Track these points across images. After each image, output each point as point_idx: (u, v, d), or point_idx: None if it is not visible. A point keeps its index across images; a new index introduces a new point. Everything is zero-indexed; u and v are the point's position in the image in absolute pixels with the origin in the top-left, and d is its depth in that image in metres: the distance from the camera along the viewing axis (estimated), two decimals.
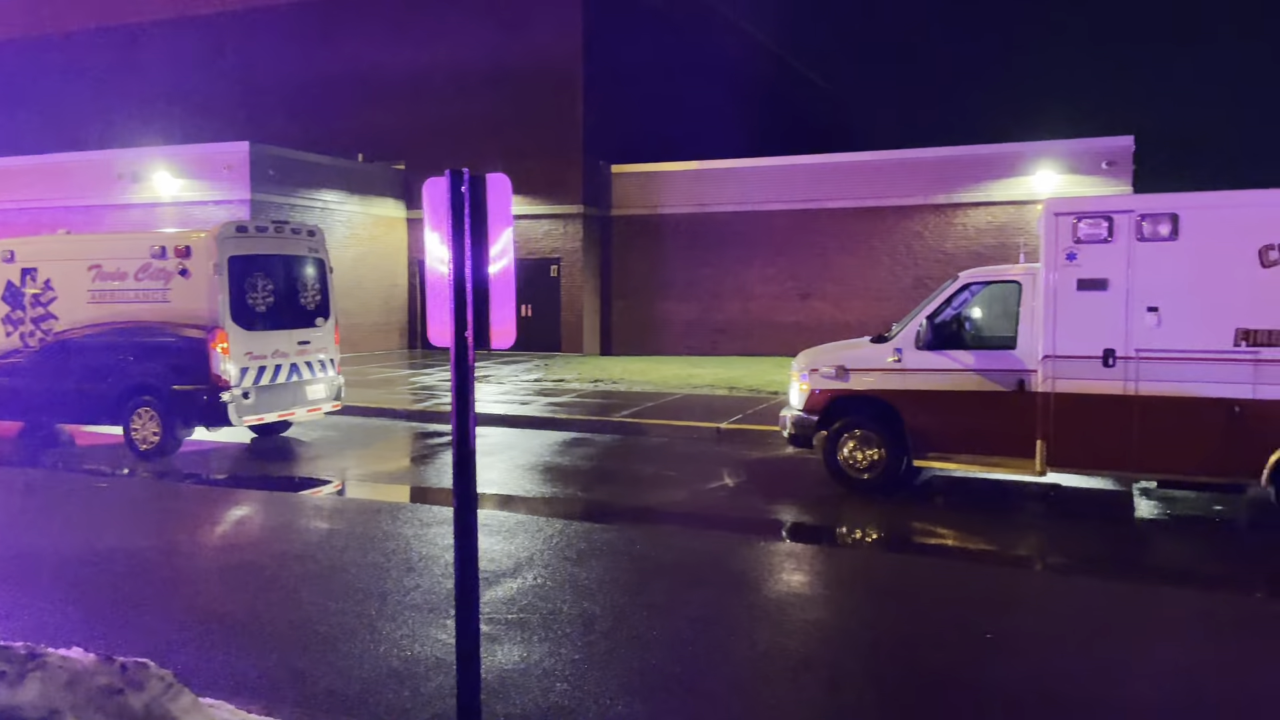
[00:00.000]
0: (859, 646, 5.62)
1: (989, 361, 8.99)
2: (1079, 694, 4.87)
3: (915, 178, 22.00)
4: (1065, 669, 5.19)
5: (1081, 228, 8.40)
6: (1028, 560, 7.77)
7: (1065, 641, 5.63)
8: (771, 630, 5.77)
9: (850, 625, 6.01)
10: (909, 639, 5.69)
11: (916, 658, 5.38)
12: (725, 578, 6.79)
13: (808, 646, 5.55)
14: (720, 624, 5.84)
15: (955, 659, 5.35)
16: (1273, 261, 7.83)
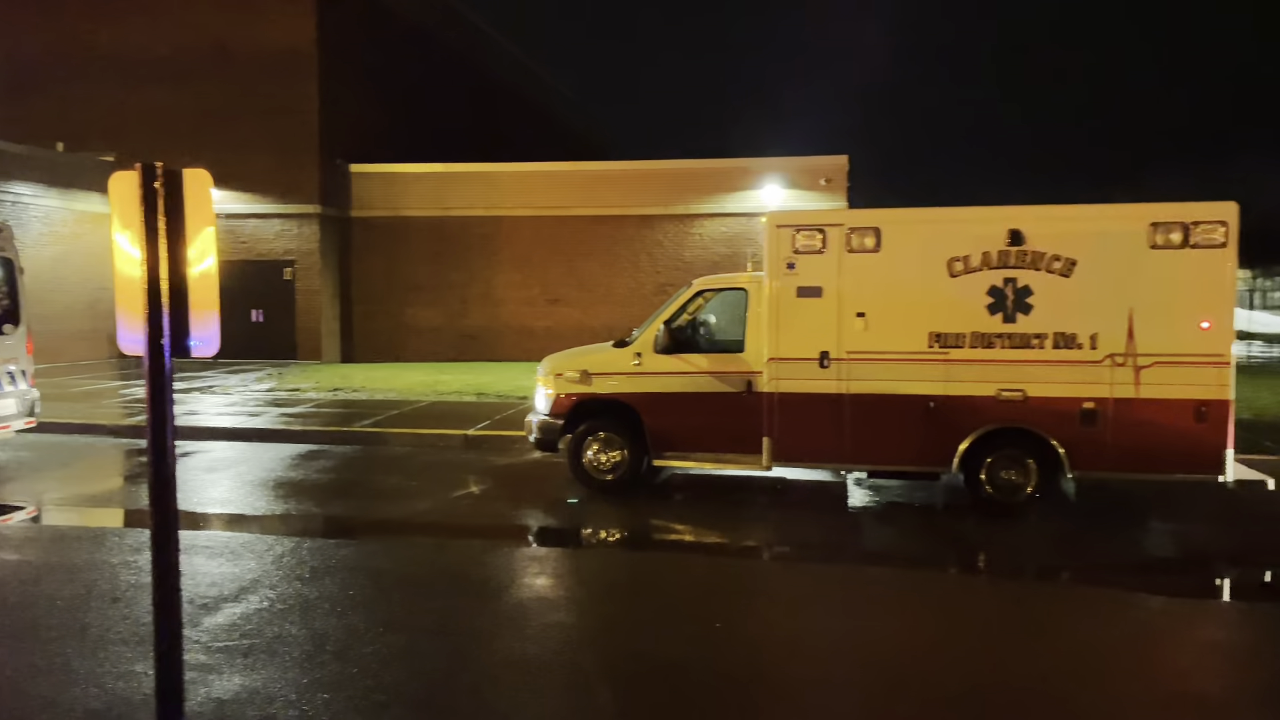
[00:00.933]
0: (598, 645, 5.72)
1: (721, 364, 9.48)
2: (798, 671, 5.23)
3: (656, 188, 22.84)
4: (787, 649, 5.56)
5: (799, 239, 9.05)
6: (756, 550, 8.25)
7: (786, 623, 6.02)
8: (513, 636, 5.75)
9: (590, 625, 6.10)
10: (645, 633, 5.86)
11: (652, 651, 5.56)
12: (468, 587, 6.70)
13: (548, 650, 5.58)
14: (460, 634, 5.75)
15: (688, 649, 5.57)
16: (958, 272, 8.80)
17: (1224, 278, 8.39)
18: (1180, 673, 5.43)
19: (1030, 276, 8.65)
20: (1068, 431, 8.56)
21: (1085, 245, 8.55)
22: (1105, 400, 8.52)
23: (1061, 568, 7.72)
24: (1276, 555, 7.86)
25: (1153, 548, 8.30)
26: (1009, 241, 8.68)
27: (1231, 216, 8.32)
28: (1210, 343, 8.35)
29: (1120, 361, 8.48)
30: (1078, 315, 8.56)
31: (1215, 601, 6.94)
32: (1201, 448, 8.36)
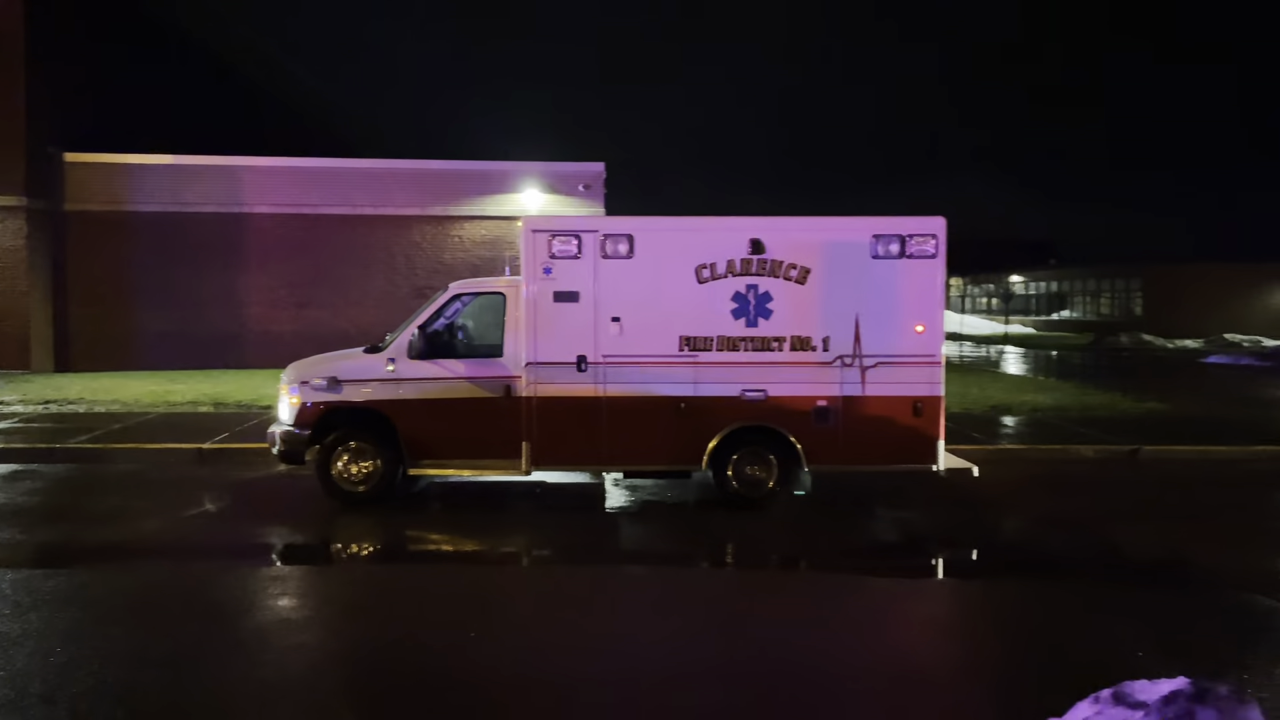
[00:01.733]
0: (344, 665, 5.46)
1: (478, 369, 9.36)
2: (552, 673, 5.24)
3: (413, 188, 22.25)
4: (541, 652, 5.55)
5: (555, 244, 9.12)
6: (514, 556, 8.21)
7: (541, 627, 6.02)
8: (249, 663, 5.38)
9: (336, 645, 5.82)
10: (395, 649, 5.66)
11: (401, 666, 5.37)
12: (200, 612, 6.19)
13: (289, 675, 5.26)
14: (189, 664, 5.30)
15: (439, 661, 5.44)
16: (705, 279, 9.19)
17: (935, 285, 9.29)
18: (900, 648, 5.94)
19: (770, 283, 9.19)
20: (804, 428, 9.16)
21: (818, 255, 9.19)
22: (836, 399, 9.19)
23: (800, 556, 8.24)
24: (982, 536, 8.79)
25: (878, 533, 9.04)
26: (751, 250, 9.17)
27: (940, 230, 9.23)
28: (924, 344, 9.21)
29: (849, 362, 9.19)
30: (812, 320, 9.19)
31: (931, 580, 7.64)
32: (918, 440, 9.21)
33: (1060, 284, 57.94)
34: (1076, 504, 9.70)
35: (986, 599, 6.95)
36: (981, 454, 11.49)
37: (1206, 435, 13.19)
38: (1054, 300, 58.15)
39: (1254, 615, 6.35)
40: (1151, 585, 7.12)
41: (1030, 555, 8.10)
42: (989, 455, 11.71)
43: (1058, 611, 6.47)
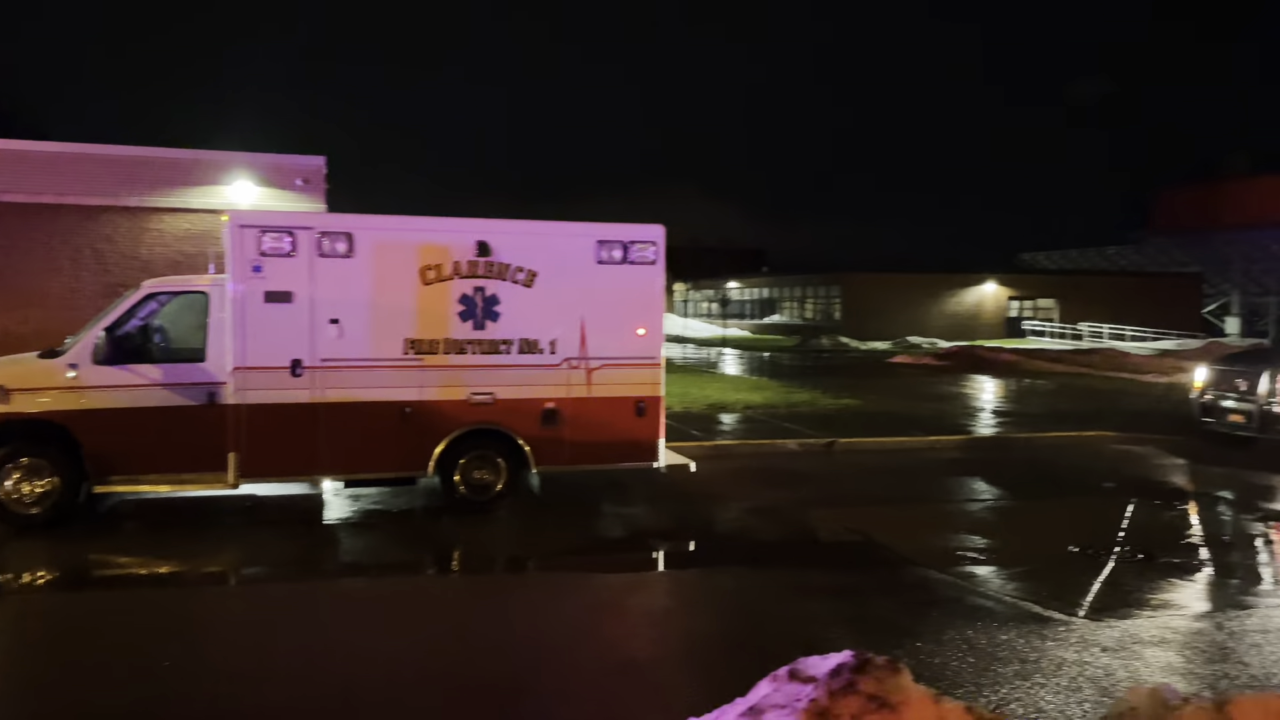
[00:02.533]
0: (17, 708, 4.82)
1: (177, 375, 8.62)
2: (257, 698, 4.91)
3: (106, 175, 20.04)
4: (242, 677, 5.19)
5: (266, 241, 8.57)
6: (220, 576, 7.62)
7: (246, 650, 5.63)
8: None
9: (6, 688, 5.12)
10: (77, 687, 5.07)
11: (82, 708, 4.82)
12: None
13: None
14: None
15: (119, 695, 4.94)
16: (431, 280, 9.01)
17: (655, 290, 9.68)
18: (622, 640, 6.12)
19: (498, 286, 9.17)
20: (532, 430, 9.22)
21: (544, 259, 9.28)
22: (564, 400, 9.34)
23: (528, 557, 8.27)
24: (698, 528, 9.25)
25: (603, 530, 9.27)
26: (478, 252, 9.10)
27: (660, 237, 9.63)
28: (646, 347, 9.57)
29: (575, 365, 9.36)
30: (539, 323, 9.27)
31: (652, 573, 7.95)
32: (641, 439, 9.56)
33: (771, 290, 62.43)
34: (781, 494, 10.47)
35: (701, 587, 7.33)
36: (699, 450, 12.12)
37: (891, 428, 14.70)
38: (766, 305, 62.56)
39: (927, 588, 7.14)
40: (843, 566, 7.81)
41: (741, 544, 8.63)
42: (706, 451, 12.36)
43: (762, 596, 6.94)
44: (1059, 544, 8.31)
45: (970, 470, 12.03)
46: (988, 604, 6.70)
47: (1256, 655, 5.73)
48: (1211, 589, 7.19)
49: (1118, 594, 6.90)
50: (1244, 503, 10.30)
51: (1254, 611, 6.60)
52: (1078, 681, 5.22)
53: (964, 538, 8.70)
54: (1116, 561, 7.78)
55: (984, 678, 5.28)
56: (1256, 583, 7.42)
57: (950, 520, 9.44)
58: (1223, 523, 9.55)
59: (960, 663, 5.50)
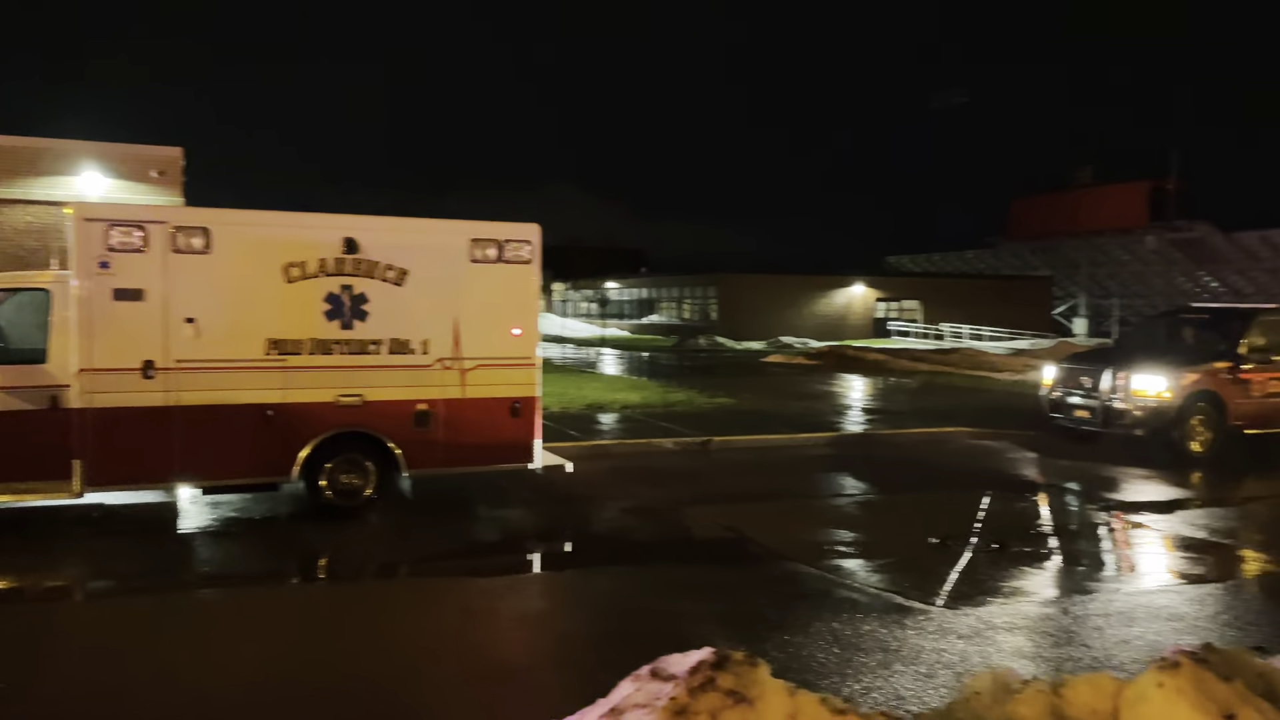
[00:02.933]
0: None
1: (14, 378, 8.05)
2: None
3: None
4: (87, 699, 4.88)
5: (114, 235, 8.09)
6: (63, 592, 7.14)
7: (89, 669, 5.30)
8: None
9: None
10: None
11: None
12: None
13: None
14: None
15: None
16: (295, 278, 8.68)
17: (531, 289, 9.59)
18: (493, 644, 6.04)
19: (366, 284, 8.91)
20: (403, 433, 9.00)
21: (416, 257, 9.08)
22: (437, 402, 9.15)
23: (398, 563, 8.07)
24: (575, 529, 9.22)
25: (478, 534, 9.13)
26: (345, 250, 8.82)
27: (535, 236, 9.55)
28: (521, 347, 9.48)
29: (449, 365, 9.19)
30: (411, 322, 9.06)
31: (527, 575, 7.87)
32: (516, 440, 9.46)
33: (650, 291, 62.96)
34: (658, 493, 10.55)
35: (576, 589, 7.31)
36: (577, 450, 12.09)
37: (765, 426, 15.02)
38: (645, 305, 63.05)
39: (796, 582, 7.31)
40: (716, 563, 7.92)
41: (617, 544, 8.64)
42: (584, 451, 12.35)
43: (637, 594, 6.97)
44: (920, 536, 8.65)
45: (838, 466, 12.41)
46: (853, 596, 6.91)
47: (1098, 638, 6.09)
48: (1059, 576, 7.61)
49: (973, 583, 7.23)
50: (1089, 494, 10.96)
51: (1096, 597, 7.03)
52: (934, 668, 5.44)
53: (832, 532, 8.95)
54: (973, 552, 8.15)
55: (848, 668, 5.43)
56: (1100, 569, 7.90)
57: (819, 515, 9.70)
58: (1070, 513, 10.13)
59: (825, 654, 5.65)
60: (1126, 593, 7.14)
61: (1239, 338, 13.43)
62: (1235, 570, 7.98)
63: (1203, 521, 9.60)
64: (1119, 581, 7.53)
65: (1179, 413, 12.88)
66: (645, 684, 2.05)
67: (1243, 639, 6.05)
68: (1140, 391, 13.06)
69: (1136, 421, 13.09)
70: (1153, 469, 12.24)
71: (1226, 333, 13.79)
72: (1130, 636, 6.09)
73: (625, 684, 2.10)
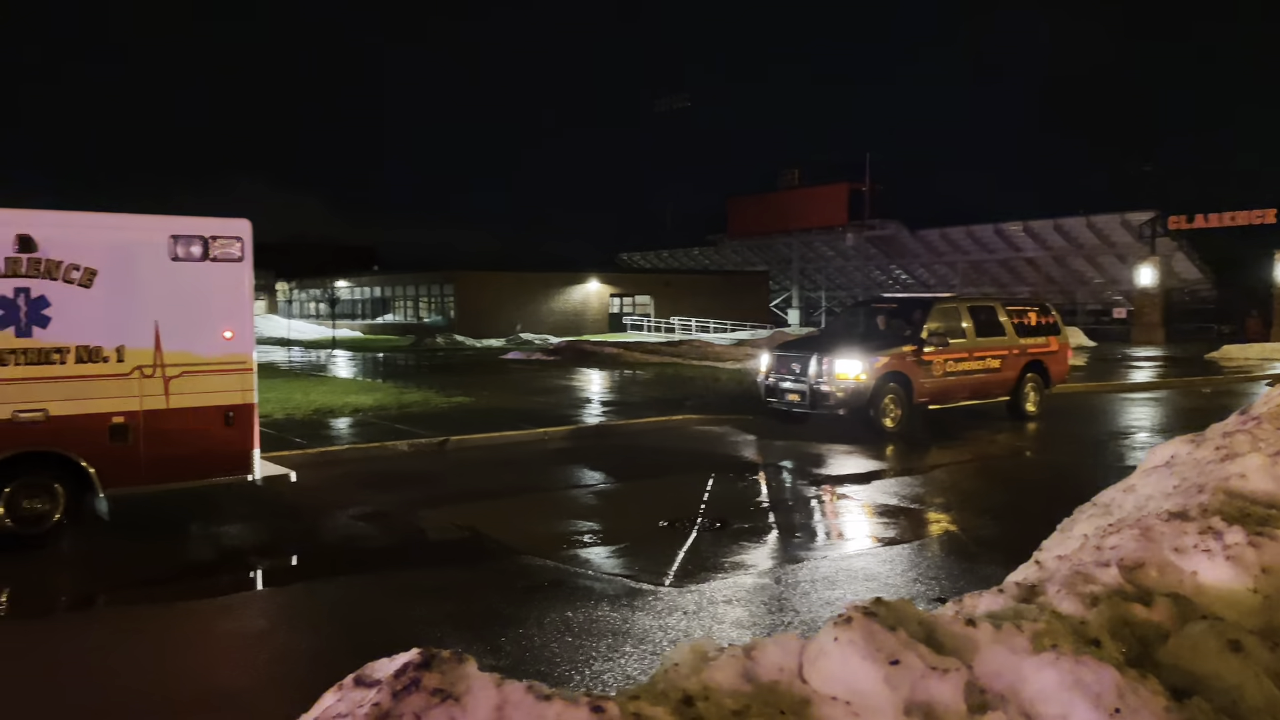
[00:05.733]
0: None
1: None
2: None
3: None
4: None
5: None
6: None
7: None
8: None
9: None
10: None
11: None
12: None
13: None
14: None
15: None
16: None
17: (243, 289, 8.99)
18: (207, 669, 5.63)
19: (47, 286, 7.99)
20: (98, 449, 8.16)
21: (106, 255, 8.25)
22: (136, 413, 8.37)
23: (95, 593, 7.31)
24: (300, 540, 8.77)
25: (191, 554, 8.45)
26: (19, 248, 7.86)
27: (246, 232, 8.96)
28: (234, 350, 8.87)
29: (149, 373, 8.43)
30: (102, 327, 8.22)
31: (248, 593, 7.38)
32: (232, 450, 8.85)
33: (384, 289, 61.02)
34: (391, 497, 10.26)
35: (301, 603, 6.96)
36: (302, 458, 11.51)
37: (503, 423, 15.02)
38: (379, 305, 61.04)
39: (533, 575, 7.38)
40: (451, 564, 7.84)
41: (346, 552, 8.32)
42: (310, 459, 11.77)
43: (367, 603, 6.76)
44: (652, 520, 9.01)
45: (576, 459, 12.65)
46: (588, 583, 7.09)
47: (805, 602, 6.64)
48: (774, 548, 8.21)
49: (698, 561, 7.64)
50: (800, 470, 11.90)
51: (805, 564, 7.65)
52: (661, 646, 5.69)
53: (569, 523, 9.12)
54: (698, 531, 8.60)
55: (579, 655, 5.57)
56: (809, 539, 8.61)
57: (557, 507, 9.85)
58: (784, 489, 10.95)
59: (559, 644, 5.76)
60: (831, 559, 7.83)
61: (921, 324, 15.08)
62: (923, 531, 8.97)
63: (895, 489, 10.70)
64: (825, 549, 8.24)
65: (873, 393, 14.27)
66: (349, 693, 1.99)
67: (927, 591, 6.83)
68: (841, 375, 14.34)
69: (839, 402, 14.36)
70: (854, 444, 13.49)
71: (911, 319, 15.45)
72: (833, 599, 6.68)
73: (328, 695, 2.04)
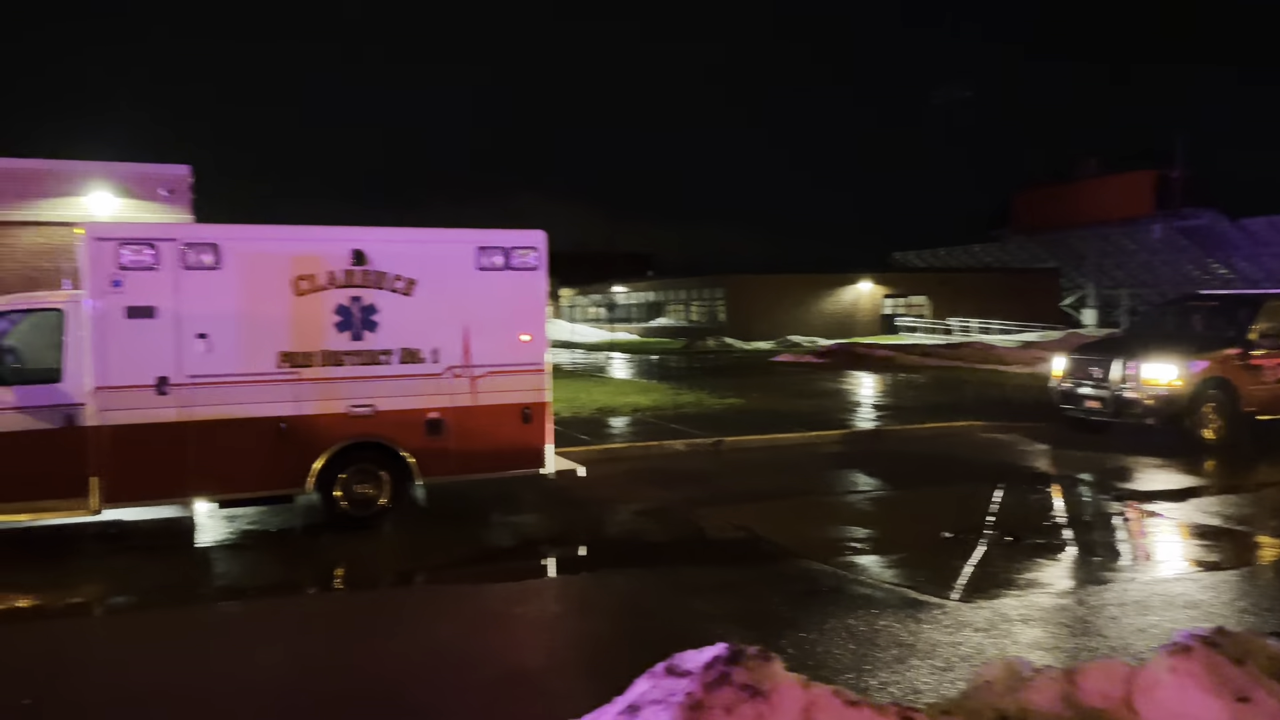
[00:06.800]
0: None
1: (30, 397, 8.12)
2: None
3: None
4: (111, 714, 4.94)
5: (125, 254, 8.17)
6: (82, 607, 7.21)
7: (113, 684, 5.36)
8: None
9: None
10: None
11: None
12: None
13: None
14: None
15: None
16: (304, 291, 8.75)
17: (538, 295, 9.65)
18: (507, 649, 6.07)
19: (375, 295, 8.98)
20: (416, 441, 9.06)
21: (423, 266, 9.14)
22: (448, 410, 9.20)
23: (414, 571, 8.11)
24: (588, 532, 9.26)
25: (492, 540, 9.18)
26: (353, 261, 8.89)
27: (541, 242, 9.60)
28: (530, 353, 9.52)
29: (459, 373, 9.24)
30: (420, 332, 9.11)
31: (542, 580, 7.91)
32: (528, 446, 9.50)
33: (658, 294, 63.01)
34: (670, 494, 10.58)
35: (591, 592, 7.34)
36: (588, 454, 12.13)
37: (775, 425, 15.03)
38: (653, 308, 63.10)
39: (810, 579, 7.33)
40: (729, 562, 7.95)
41: (630, 546, 8.68)
42: (595, 455, 12.39)
43: (651, 595, 7.00)
44: (933, 530, 8.66)
45: (850, 463, 12.41)
46: (867, 591, 6.93)
47: (1114, 627, 6.10)
48: (1073, 567, 7.61)
49: (988, 576, 7.24)
50: (1102, 484, 10.95)
51: (1112, 586, 7.03)
52: (951, 662, 5.45)
53: (845, 529, 8.97)
54: (987, 545, 8.15)
55: (864, 663, 5.45)
56: (1114, 559, 7.90)
57: (832, 512, 9.72)
58: (1083, 504, 10.12)
59: (841, 650, 5.67)
60: (1142, 581, 7.14)
61: (1249, 324, 13.39)
62: (1251, 556, 7.97)
63: (1217, 509, 9.57)
64: (1134, 570, 7.53)
65: (1190, 400, 12.85)
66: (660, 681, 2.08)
67: (1260, 624, 6.05)
68: (1151, 380, 13.04)
69: (1148, 410, 13.06)
70: (1165, 457, 12.21)
71: (1236, 319, 13.75)
72: (1146, 625, 6.09)
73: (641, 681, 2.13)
